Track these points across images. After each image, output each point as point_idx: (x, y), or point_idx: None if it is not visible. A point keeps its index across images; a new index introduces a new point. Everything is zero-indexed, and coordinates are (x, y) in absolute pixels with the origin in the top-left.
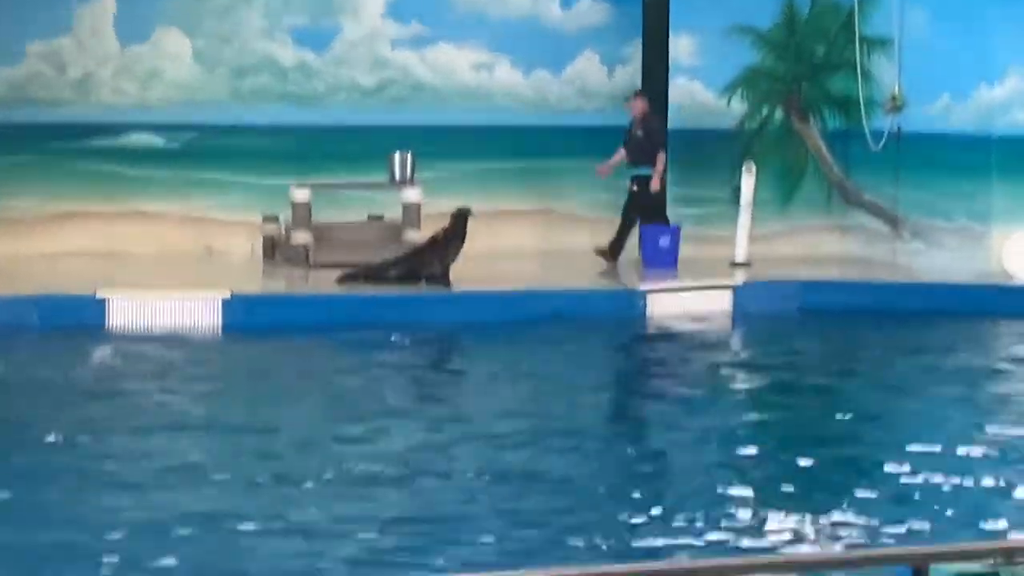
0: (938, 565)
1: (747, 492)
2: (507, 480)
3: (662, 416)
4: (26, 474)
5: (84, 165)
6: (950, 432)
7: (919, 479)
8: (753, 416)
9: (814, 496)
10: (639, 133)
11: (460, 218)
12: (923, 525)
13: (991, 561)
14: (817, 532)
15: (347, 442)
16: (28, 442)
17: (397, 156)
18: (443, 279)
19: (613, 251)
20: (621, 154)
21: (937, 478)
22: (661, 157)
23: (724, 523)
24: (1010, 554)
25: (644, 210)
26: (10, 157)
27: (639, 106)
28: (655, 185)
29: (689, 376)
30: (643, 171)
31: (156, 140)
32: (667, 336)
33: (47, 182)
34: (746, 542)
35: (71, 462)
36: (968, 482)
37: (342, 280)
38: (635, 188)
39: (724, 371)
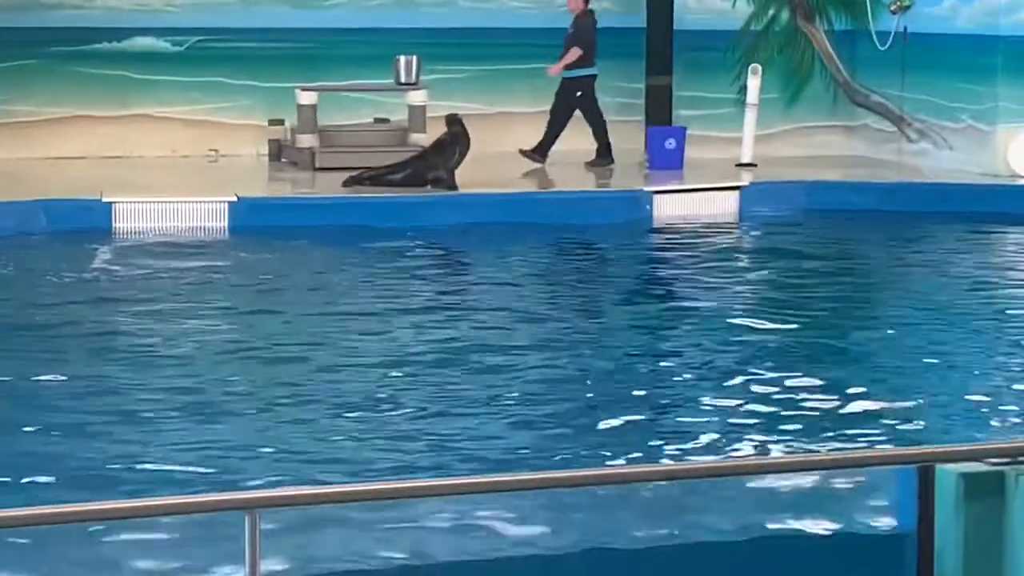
0: (943, 466)
1: (751, 394)
2: (513, 378)
3: (668, 316)
4: (38, 361)
5: (89, 69)
6: (956, 332)
7: (924, 380)
8: (759, 317)
9: (818, 397)
10: (570, 31)
11: (456, 122)
12: (928, 426)
13: (996, 461)
14: (821, 433)
15: (350, 338)
16: (38, 338)
17: (403, 59)
18: (449, 182)
19: (605, 151)
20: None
21: (942, 378)
22: (574, 51)
23: (728, 424)
24: (1015, 454)
25: (568, 109)
26: (15, 61)
27: (572, 3)
28: (552, 70)
29: (696, 277)
30: (576, 72)
31: (161, 43)
32: (674, 237)
33: (52, 86)
34: (749, 443)
35: (82, 354)
36: (975, 382)
37: (348, 183)
38: (579, 93)
39: (731, 272)
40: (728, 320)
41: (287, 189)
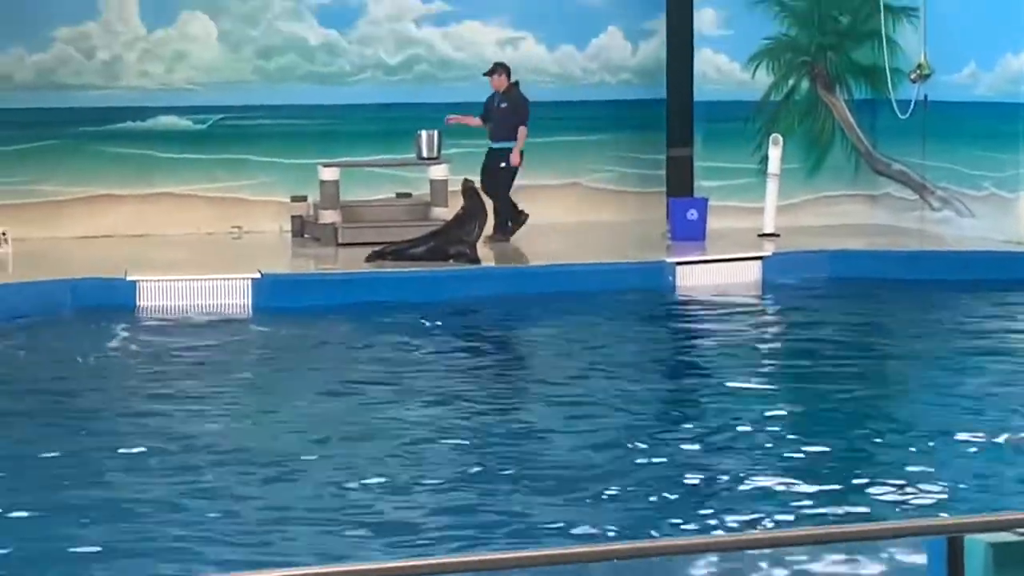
0: (973, 536)
1: (781, 467)
2: (535, 452)
3: (696, 390)
4: (65, 442)
5: (113, 148)
6: (982, 404)
7: (952, 451)
8: (785, 389)
9: (848, 469)
10: (503, 105)
11: (472, 195)
12: (956, 498)
13: None
14: (847, 503)
15: (372, 419)
16: (55, 420)
17: (424, 134)
18: (472, 256)
19: (508, 229)
20: (476, 121)
21: (970, 450)
22: (523, 131)
23: (759, 497)
24: None
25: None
26: (41, 141)
27: (498, 82)
28: (515, 159)
29: (719, 347)
30: (507, 145)
31: (184, 122)
32: (697, 308)
33: (76, 165)
34: (779, 517)
35: (103, 436)
36: (1004, 454)
37: (371, 259)
38: (504, 165)
39: (755, 344)
40: (752, 390)
41: (310, 265)
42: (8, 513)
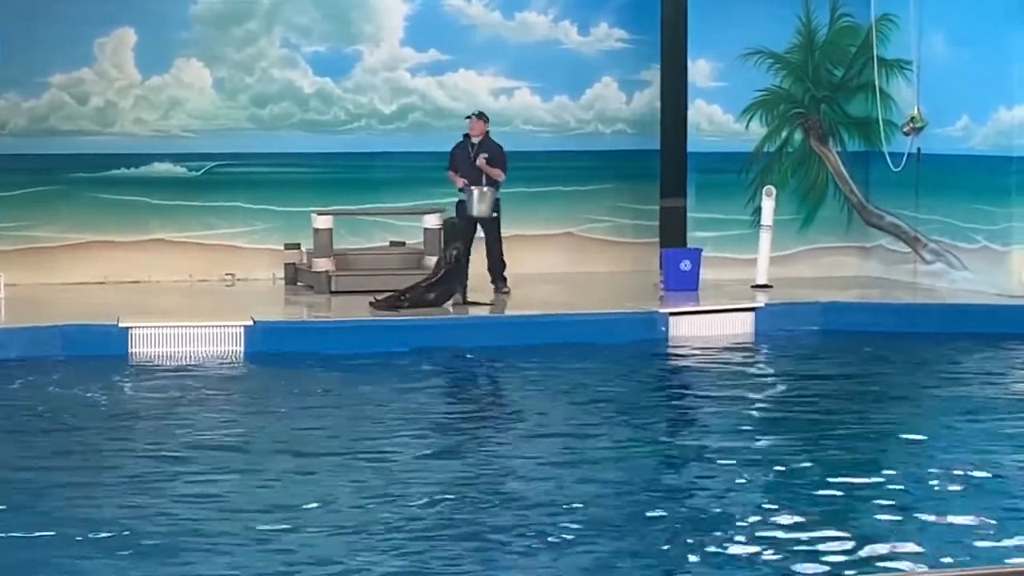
0: None
1: (779, 519)
2: (529, 507)
3: (689, 441)
4: (52, 490)
5: (106, 195)
6: (980, 456)
7: (960, 506)
8: (780, 441)
9: (849, 522)
10: (484, 154)
11: (455, 228)
12: (951, 552)
13: None
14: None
15: (365, 465)
16: (53, 465)
17: None
18: (466, 298)
19: (499, 276)
20: (454, 176)
21: (983, 504)
22: (500, 172)
23: (761, 549)
24: None
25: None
26: (33, 187)
27: (480, 127)
28: (480, 160)
29: (710, 398)
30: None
31: (177, 169)
32: (690, 359)
33: (70, 212)
34: (785, 569)
35: (94, 484)
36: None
37: (380, 307)
38: (495, 214)
39: (748, 394)
40: (746, 444)
41: (303, 313)
42: None
